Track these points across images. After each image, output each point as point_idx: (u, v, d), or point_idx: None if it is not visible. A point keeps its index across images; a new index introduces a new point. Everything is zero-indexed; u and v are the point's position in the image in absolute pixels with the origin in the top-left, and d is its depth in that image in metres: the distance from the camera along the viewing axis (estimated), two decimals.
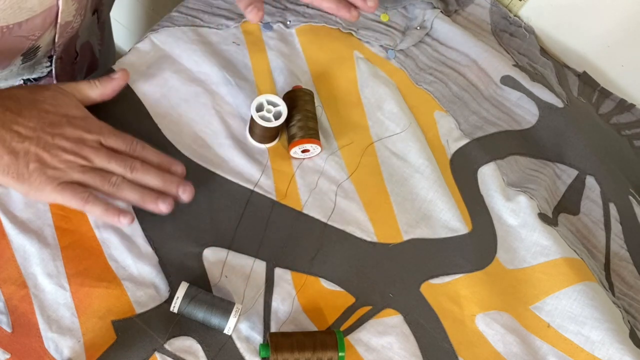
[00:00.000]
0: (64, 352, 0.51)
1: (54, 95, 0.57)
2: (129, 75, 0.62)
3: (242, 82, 0.67)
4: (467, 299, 0.62)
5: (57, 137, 0.55)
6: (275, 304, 0.57)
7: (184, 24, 0.69)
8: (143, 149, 0.58)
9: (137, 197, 0.56)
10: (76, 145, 0.55)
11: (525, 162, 0.72)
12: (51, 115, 0.56)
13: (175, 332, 0.54)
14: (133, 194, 0.56)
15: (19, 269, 0.54)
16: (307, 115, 0.64)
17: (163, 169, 0.58)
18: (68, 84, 0.59)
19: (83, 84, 0.59)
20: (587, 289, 0.63)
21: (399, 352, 0.58)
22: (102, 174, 0.55)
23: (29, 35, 0.60)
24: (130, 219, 0.56)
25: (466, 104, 0.74)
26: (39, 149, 0.54)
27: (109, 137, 0.57)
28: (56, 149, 0.54)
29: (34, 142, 0.54)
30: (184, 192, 0.57)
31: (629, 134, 0.81)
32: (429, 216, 0.65)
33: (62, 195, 0.54)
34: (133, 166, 0.56)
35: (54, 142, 0.54)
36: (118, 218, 0.55)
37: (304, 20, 0.73)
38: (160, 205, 0.56)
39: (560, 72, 0.82)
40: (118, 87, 0.61)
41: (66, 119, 0.56)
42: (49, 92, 0.57)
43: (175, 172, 0.58)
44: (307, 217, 0.62)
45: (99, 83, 0.60)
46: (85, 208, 0.55)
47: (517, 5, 0.83)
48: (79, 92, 0.59)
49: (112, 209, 0.55)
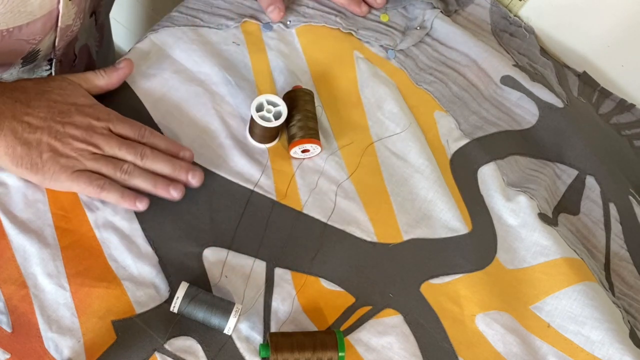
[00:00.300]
0: (64, 352, 0.51)
1: (61, 85, 0.58)
2: (133, 64, 0.63)
3: (242, 82, 0.67)
4: (467, 299, 0.62)
5: (68, 125, 0.55)
6: (275, 304, 0.57)
7: (184, 24, 0.69)
8: (152, 135, 0.59)
9: (149, 185, 0.57)
10: (86, 132, 0.56)
11: (525, 162, 0.72)
12: (60, 104, 0.56)
13: (175, 332, 0.54)
14: (145, 182, 0.57)
15: (19, 269, 0.54)
16: (307, 115, 0.64)
17: (171, 154, 0.59)
18: (74, 74, 0.60)
19: (89, 74, 0.60)
20: (587, 289, 0.63)
21: (399, 352, 0.58)
22: (114, 161, 0.56)
23: (29, 39, 0.60)
24: (147, 203, 0.57)
25: (466, 104, 0.74)
26: (50, 138, 0.55)
27: (118, 124, 0.58)
28: (67, 137, 0.55)
29: (45, 132, 0.54)
30: (194, 177, 0.58)
31: (629, 134, 0.81)
32: (429, 216, 0.65)
33: (77, 183, 0.55)
34: (143, 153, 0.57)
35: (65, 130, 0.55)
36: (134, 203, 0.56)
37: (304, 20, 0.73)
38: (172, 192, 0.57)
39: (560, 72, 0.82)
40: (124, 76, 0.62)
41: (75, 107, 0.57)
42: (55, 83, 0.58)
43: (183, 157, 0.59)
44: (307, 217, 0.62)
45: (105, 72, 0.61)
46: (101, 195, 0.56)
47: (517, 5, 0.83)
48: (85, 81, 0.60)
49: (128, 195, 0.56)
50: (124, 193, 0.56)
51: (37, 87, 0.57)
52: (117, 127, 0.58)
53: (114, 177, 0.56)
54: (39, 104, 0.55)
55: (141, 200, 0.56)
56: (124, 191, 0.56)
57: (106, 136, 0.57)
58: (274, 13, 0.70)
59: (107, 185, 0.55)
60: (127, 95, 0.63)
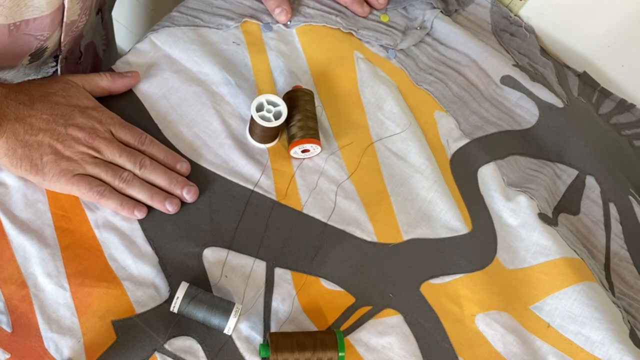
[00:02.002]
0: (64, 352, 0.51)
1: (64, 87, 0.58)
2: (140, 77, 0.63)
3: (242, 82, 0.67)
4: (467, 299, 0.62)
5: (70, 127, 0.56)
6: (275, 304, 0.57)
7: (184, 24, 0.69)
8: (151, 144, 0.59)
9: (145, 196, 0.57)
10: (89, 135, 0.56)
11: (525, 162, 0.72)
12: (63, 106, 0.56)
13: (175, 332, 0.54)
14: (142, 192, 0.57)
15: (19, 269, 0.54)
16: (307, 115, 0.64)
17: (169, 165, 0.59)
18: (77, 75, 0.60)
19: (92, 75, 0.60)
20: (587, 289, 0.63)
21: (399, 352, 0.58)
22: (113, 168, 0.57)
23: (37, 35, 0.60)
24: (145, 212, 0.57)
25: (466, 104, 0.74)
26: (52, 140, 0.55)
27: (120, 129, 0.58)
28: (70, 139, 0.55)
29: (47, 134, 0.55)
30: (188, 193, 0.59)
31: (629, 134, 0.81)
32: (429, 216, 0.65)
33: (77, 187, 0.55)
34: (142, 163, 0.58)
35: (67, 132, 0.55)
36: (133, 212, 0.57)
37: (304, 20, 0.73)
38: (167, 206, 0.58)
39: (560, 72, 0.82)
40: (128, 85, 0.62)
41: (78, 109, 0.57)
42: (58, 84, 0.58)
43: (180, 169, 0.60)
44: (307, 217, 0.62)
45: (110, 76, 0.61)
46: (100, 201, 0.56)
47: (518, 5, 0.83)
48: (89, 83, 0.60)
49: (127, 203, 0.57)
50: (122, 201, 0.56)
51: (40, 89, 0.57)
52: (119, 132, 0.58)
53: (113, 184, 0.56)
54: (43, 106, 0.55)
55: (140, 209, 0.57)
56: (123, 199, 0.56)
57: (108, 141, 0.57)
58: (282, 15, 0.71)
59: (107, 192, 0.56)
60: (126, 95, 0.63)
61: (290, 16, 0.71)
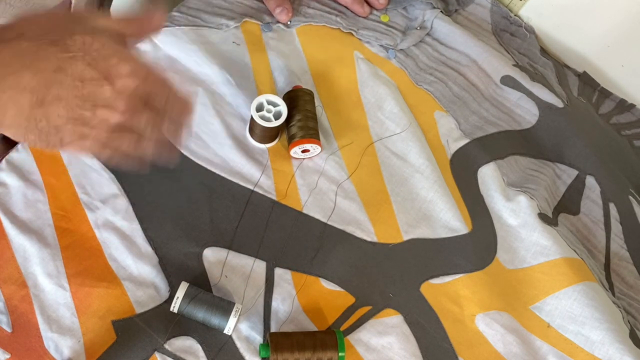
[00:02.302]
0: (64, 352, 0.51)
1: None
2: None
3: (242, 82, 0.67)
4: (467, 299, 0.62)
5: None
6: (275, 304, 0.57)
7: (184, 24, 0.69)
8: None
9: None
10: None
11: (525, 162, 0.72)
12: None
13: (175, 332, 0.54)
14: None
15: (19, 269, 0.54)
16: (307, 115, 0.64)
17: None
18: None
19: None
20: (587, 289, 0.63)
21: (399, 352, 0.58)
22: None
23: None
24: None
25: (466, 104, 0.74)
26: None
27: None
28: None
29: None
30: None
31: (629, 134, 0.81)
32: (429, 216, 0.65)
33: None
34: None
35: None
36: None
37: (304, 20, 0.73)
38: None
39: (560, 72, 0.82)
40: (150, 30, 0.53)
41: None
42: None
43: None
44: (307, 217, 0.62)
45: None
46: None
47: (518, 5, 0.83)
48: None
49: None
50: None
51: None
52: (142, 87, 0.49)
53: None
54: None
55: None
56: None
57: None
58: (283, 14, 0.71)
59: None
60: None
61: (291, 15, 0.72)
